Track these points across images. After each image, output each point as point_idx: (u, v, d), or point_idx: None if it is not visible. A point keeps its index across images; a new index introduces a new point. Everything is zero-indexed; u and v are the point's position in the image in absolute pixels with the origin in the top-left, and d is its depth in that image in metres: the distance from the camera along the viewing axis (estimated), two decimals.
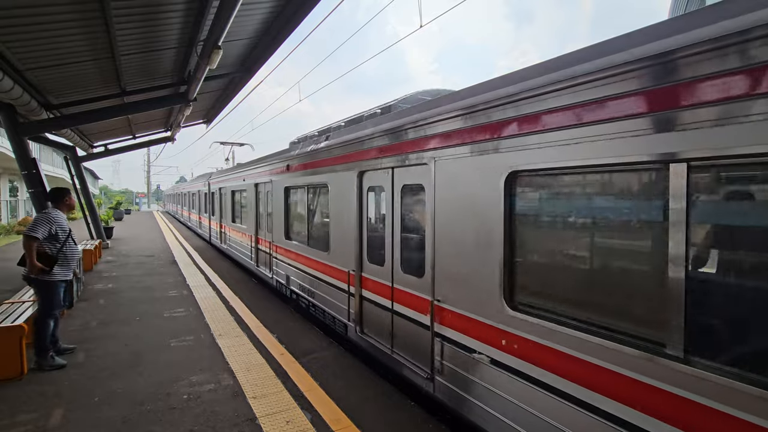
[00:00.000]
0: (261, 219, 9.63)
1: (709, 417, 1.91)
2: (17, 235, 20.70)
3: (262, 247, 9.59)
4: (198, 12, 6.19)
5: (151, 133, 16.64)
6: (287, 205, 7.86)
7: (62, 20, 5.56)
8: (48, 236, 4.59)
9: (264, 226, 9.38)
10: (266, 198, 9.06)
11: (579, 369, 2.50)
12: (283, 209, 7.90)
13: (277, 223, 8.29)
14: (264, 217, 9.38)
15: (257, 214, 9.82)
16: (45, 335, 4.64)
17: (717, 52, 1.92)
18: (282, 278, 8.07)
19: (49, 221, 4.60)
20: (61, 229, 4.72)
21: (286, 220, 7.89)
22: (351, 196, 5.27)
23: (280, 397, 4.04)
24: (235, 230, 11.86)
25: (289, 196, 7.78)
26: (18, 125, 8.15)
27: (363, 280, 5.15)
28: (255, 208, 9.98)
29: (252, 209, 10.15)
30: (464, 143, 3.41)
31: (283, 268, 7.98)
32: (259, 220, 9.77)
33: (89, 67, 7.42)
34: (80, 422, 3.57)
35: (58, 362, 4.69)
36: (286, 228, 7.86)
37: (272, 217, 8.63)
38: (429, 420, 3.72)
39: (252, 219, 10.08)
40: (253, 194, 10.00)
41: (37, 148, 18.91)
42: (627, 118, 2.25)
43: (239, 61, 9.21)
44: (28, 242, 4.46)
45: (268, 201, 8.88)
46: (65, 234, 4.78)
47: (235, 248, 12.00)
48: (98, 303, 7.41)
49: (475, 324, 3.33)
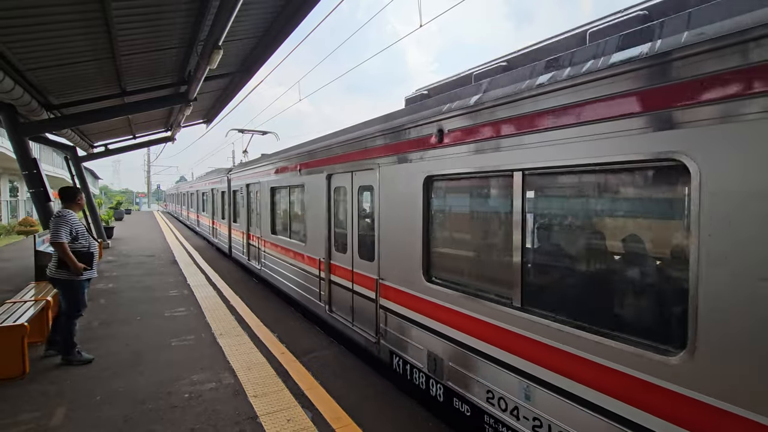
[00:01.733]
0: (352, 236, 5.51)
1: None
2: (18, 235, 20.73)
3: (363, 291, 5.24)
4: (198, 12, 6.20)
5: (151, 133, 16.66)
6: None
7: (63, 21, 5.57)
8: (72, 238, 4.66)
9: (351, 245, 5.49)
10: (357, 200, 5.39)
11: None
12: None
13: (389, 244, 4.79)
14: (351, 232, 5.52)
15: (331, 225, 6.02)
16: (71, 333, 4.77)
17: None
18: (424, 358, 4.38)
19: (67, 222, 4.62)
20: (80, 228, 4.79)
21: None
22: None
23: (281, 395, 4.05)
24: (284, 247, 7.93)
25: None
26: (18, 125, 8.17)
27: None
28: (327, 214, 6.04)
29: (315, 216, 6.41)
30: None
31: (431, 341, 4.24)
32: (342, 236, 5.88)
33: (90, 67, 7.43)
34: (82, 421, 3.59)
35: (86, 357, 4.80)
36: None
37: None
38: (429, 418, 3.74)
39: (317, 233, 6.28)
40: (323, 194, 6.09)
41: (37, 148, 18.90)
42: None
43: (239, 61, 9.22)
44: (60, 248, 4.53)
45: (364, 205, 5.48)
46: (85, 233, 4.86)
47: (285, 276, 7.92)
48: (99, 303, 7.42)
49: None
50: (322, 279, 6.16)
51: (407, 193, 4.15)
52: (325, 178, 5.98)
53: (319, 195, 6.17)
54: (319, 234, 6.20)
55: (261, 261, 9.47)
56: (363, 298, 5.12)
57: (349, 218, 5.46)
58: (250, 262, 10.59)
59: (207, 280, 9.60)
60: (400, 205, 4.29)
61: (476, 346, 3.38)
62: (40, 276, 6.92)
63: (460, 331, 3.55)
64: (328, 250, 6.01)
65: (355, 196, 5.30)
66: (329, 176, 5.93)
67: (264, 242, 9.22)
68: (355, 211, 5.32)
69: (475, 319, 3.39)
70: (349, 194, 5.42)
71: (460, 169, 3.53)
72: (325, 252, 6.03)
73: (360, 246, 5.25)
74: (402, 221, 4.26)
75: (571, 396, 2.60)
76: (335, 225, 5.94)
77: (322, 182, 6.08)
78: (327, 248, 6.01)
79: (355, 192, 5.29)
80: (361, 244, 5.23)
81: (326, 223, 6.00)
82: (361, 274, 5.15)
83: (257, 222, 9.83)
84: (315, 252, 6.42)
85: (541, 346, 2.82)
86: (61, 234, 4.53)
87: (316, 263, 6.34)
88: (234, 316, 6.72)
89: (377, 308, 4.74)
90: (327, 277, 6.04)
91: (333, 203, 5.96)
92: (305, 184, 6.74)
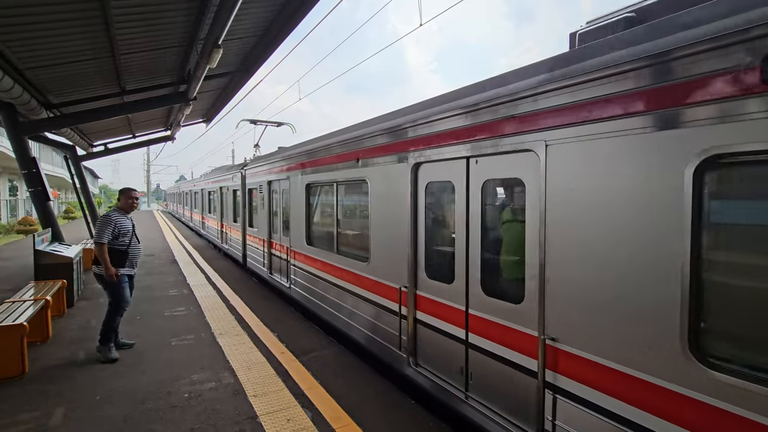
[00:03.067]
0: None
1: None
2: (17, 234, 20.72)
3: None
4: (198, 11, 6.19)
5: (150, 132, 16.65)
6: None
7: (62, 19, 5.56)
8: (113, 237, 4.88)
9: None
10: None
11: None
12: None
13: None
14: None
15: (418, 238, 4.26)
16: (111, 328, 4.96)
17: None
18: None
19: (109, 223, 4.85)
20: (123, 228, 4.97)
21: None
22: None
23: (281, 395, 4.05)
24: (329, 264, 5.98)
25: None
26: (18, 124, 8.16)
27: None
28: (412, 222, 4.31)
29: (387, 225, 4.70)
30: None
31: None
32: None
33: (89, 66, 7.42)
34: (81, 421, 3.58)
35: (113, 356, 4.87)
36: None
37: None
38: (430, 418, 3.74)
39: (392, 248, 4.57)
40: (403, 192, 4.40)
41: (36, 148, 18.92)
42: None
43: (239, 60, 9.21)
44: (99, 249, 4.78)
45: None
46: (129, 233, 5.06)
47: (330, 302, 6.00)
48: (99, 302, 7.41)
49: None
50: (403, 317, 4.30)
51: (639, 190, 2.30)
52: (410, 170, 4.16)
53: (397, 194, 4.41)
54: (396, 251, 4.41)
55: (291, 277, 7.47)
56: (497, 360, 3.27)
57: (460, 230, 3.61)
58: (273, 277, 8.57)
59: (206, 279, 9.60)
60: (613, 212, 2.43)
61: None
62: (39, 275, 6.92)
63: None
64: (414, 276, 4.17)
65: (476, 196, 3.46)
66: (417, 166, 4.12)
67: (295, 254, 7.26)
68: (475, 219, 3.47)
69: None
70: (461, 192, 3.60)
71: None
72: (409, 277, 4.20)
73: (488, 273, 3.43)
74: (623, 240, 2.38)
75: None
76: (428, 238, 4.08)
77: (402, 175, 4.31)
78: (411, 272, 4.18)
79: (477, 189, 3.46)
80: (488, 271, 3.43)
81: (410, 235, 4.17)
82: (493, 321, 3.30)
83: (284, 228, 7.92)
84: (388, 276, 4.60)
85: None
86: (102, 235, 4.78)
87: (390, 293, 4.54)
88: (234, 315, 6.72)
89: (542, 390, 2.81)
90: (411, 314, 4.21)
91: (425, 206, 4.11)
92: (369, 178, 4.95)
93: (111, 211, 5.08)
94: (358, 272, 5.19)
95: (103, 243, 4.76)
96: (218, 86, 11.12)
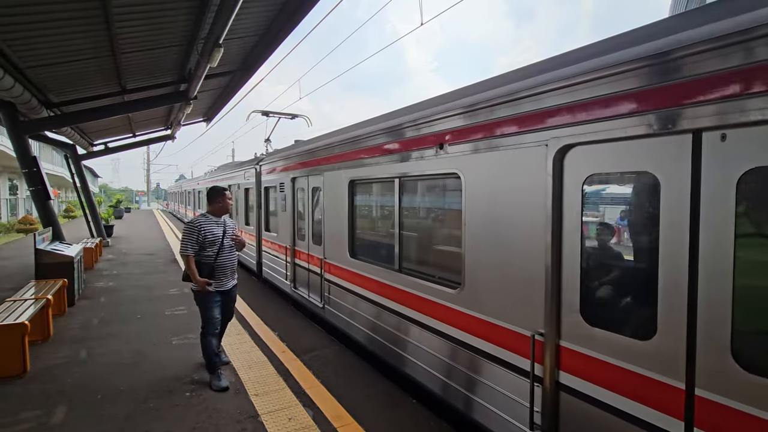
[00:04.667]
0: None
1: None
2: (17, 233, 20.72)
3: None
4: (199, 10, 6.18)
5: (151, 131, 16.66)
6: None
7: (63, 18, 5.56)
8: (200, 248, 4.22)
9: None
10: None
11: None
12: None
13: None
14: None
15: (562, 259, 2.73)
16: (208, 353, 4.29)
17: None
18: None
19: (193, 231, 4.17)
20: (211, 235, 4.24)
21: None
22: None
23: (282, 394, 4.06)
24: (396, 288, 4.48)
25: None
26: (18, 123, 8.16)
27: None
28: (553, 235, 2.76)
29: (491, 241, 3.27)
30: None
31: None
32: None
33: (90, 65, 7.42)
34: (83, 419, 3.59)
35: (222, 385, 4.16)
36: None
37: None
38: (430, 417, 3.74)
39: (510, 271, 3.08)
40: (535, 191, 2.86)
41: (37, 147, 18.91)
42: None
43: (240, 59, 9.20)
44: (185, 261, 4.23)
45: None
46: (218, 241, 4.29)
47: (400, 343, 4.43)
48: (99, 301, 7.42)
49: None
50: (537, 380, 2.80)
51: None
52: (551, 156, 2.68)
53: (518, 193, 2.96)
54: (514, 276, 3.00)
55: (325, 296, 6.09)
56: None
57: (671, 248, 2.13)
58: (299, 292, 7.12)
59: None
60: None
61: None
62: (40, 274, 6.92)
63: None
64: (556, 318, 2.68)
65: (719, 196, 1.96)
66: (566, 149, 2.63)
67: (332, 268, 5.87)
68: (716, 235, 1.97)
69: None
70: (677, 190, 2.10)
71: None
72: (548, 320, 2.71)
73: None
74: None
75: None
76: (590, 262, 2.57)
77: (531, 165, 2.83)
78: (552, 312, 2.69)
79: (722, 184, 1.95)
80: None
81: (550, 255, 2.69)
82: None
83: (315, 235, 6.52)
84: (501, 314, 3.12)
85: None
86: (186, 247, 4.16)
87: (508, 339, 3.06)
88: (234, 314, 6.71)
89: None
90: (549, 376, 2.72)
91: (579, 211, 2.58)
92: (463, 171, 3.45)
93: (198, 216, 4.34)
94: (440, 301, 3.75)
95: (186, 255, 4.16)
96: (219, 85, 11.12)
